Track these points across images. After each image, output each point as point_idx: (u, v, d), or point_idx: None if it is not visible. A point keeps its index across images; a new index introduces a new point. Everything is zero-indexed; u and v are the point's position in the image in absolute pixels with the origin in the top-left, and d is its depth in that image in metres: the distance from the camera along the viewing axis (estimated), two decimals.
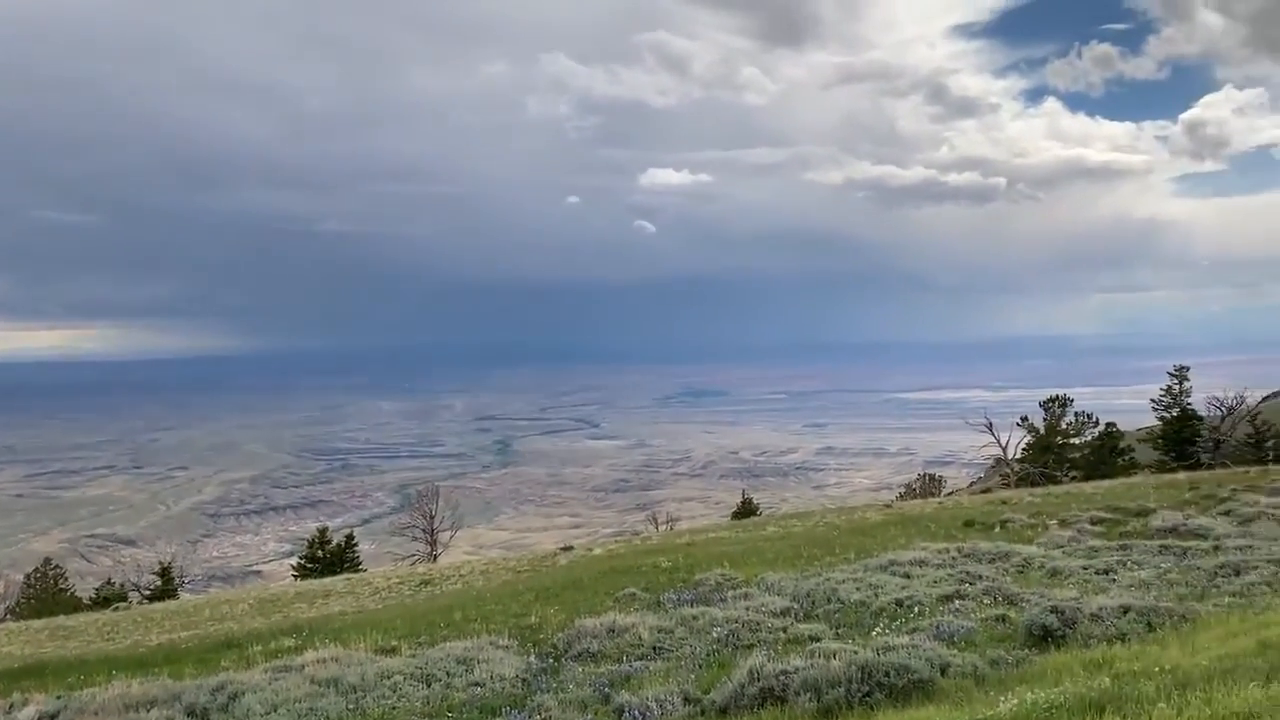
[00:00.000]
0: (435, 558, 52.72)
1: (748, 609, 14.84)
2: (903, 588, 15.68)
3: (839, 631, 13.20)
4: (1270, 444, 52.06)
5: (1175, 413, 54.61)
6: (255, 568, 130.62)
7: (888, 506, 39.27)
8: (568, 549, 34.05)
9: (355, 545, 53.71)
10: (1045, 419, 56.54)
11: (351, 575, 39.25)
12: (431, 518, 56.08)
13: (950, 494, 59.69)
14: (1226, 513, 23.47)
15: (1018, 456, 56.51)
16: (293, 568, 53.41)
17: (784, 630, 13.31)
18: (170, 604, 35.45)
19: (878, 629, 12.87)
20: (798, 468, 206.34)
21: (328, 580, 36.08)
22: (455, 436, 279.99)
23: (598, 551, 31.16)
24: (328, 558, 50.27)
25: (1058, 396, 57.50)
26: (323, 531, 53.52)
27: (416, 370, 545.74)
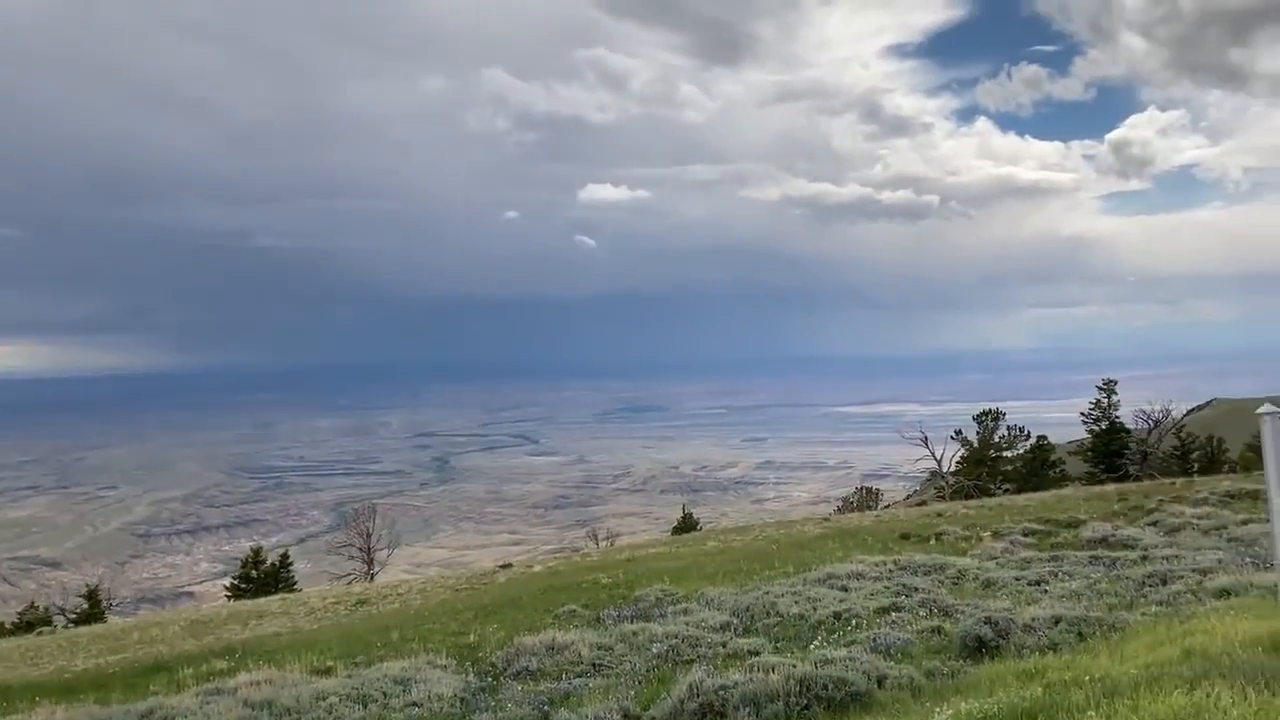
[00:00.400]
0: (372, 577, 51.97)
1: (688, 624, 14.85)
2: (841, 600, 15.81)
3: (778, 645, 13.25)
4: (1195, 456, 53.49)
5: (1104, 426, 55.85)
6: (187, 589, 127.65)
7: (826, 520, 39.57)
8: (507, 566, 33.80)
9: (290, 565, 52.75)
10: (979, 432, 57.49)
11: (286, 595, 38.55)
12: (368, 536, 55.30)
13: (887, 507, 60.33)
14: (1153, 523, 24.04)
15: (952, 469, 57.30)
16: (226, 588, 52.27)
17: (724, 645, 13.34)
18: (97, 627, 34.45)
19: (816, 642, 12.95)
20: (737, 482, 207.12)
21: (262, 601, 35.37)
22: (393, 453, 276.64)
23: (537, 569, 30.97)
24: (262, 578, 49.30)
25: (990, 410, 58.51)
26: (257, 551, 52.51)
27: (353, 387, 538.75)
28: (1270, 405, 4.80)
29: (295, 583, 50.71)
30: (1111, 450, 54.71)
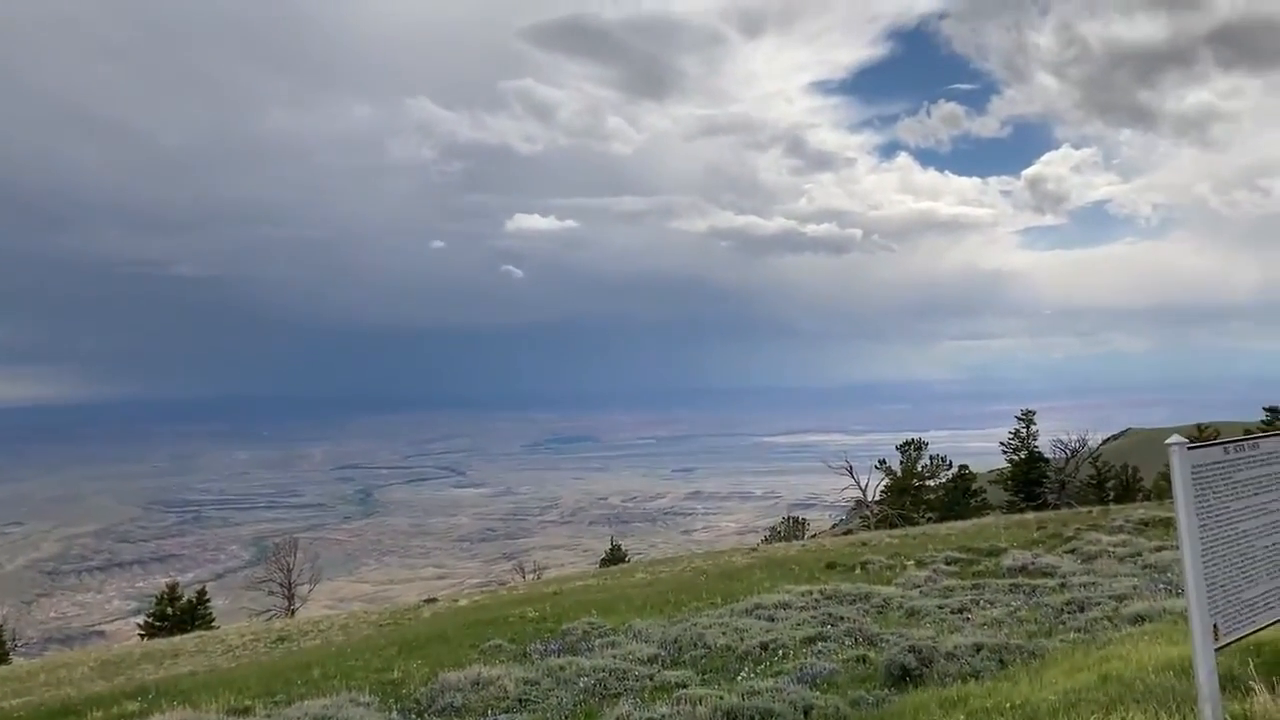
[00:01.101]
0: (293, 612, 50.86)
1: (615, 657, 14.75)
2: (768, 631, 15.84)
3: (705, 677, 13.23)
4: (1111, 484, 54.80)
5: (1023, 455, 57.02)
6: (98, 628, 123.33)
7: (753, 550, 39.73)
8: (432, 601, 33.35)
9: (208, 601, 51.43)
10: (902, 462, 58.33)
11: (203, 633, 37.59)
12: (289, 571, 54.18)
13: (814, 536, 60.79)
14: (1071, 551, 24.54)
15: (877, 498, 58.02)
16: (139, 626, 50.78)
17: (651, 678, 13.27)
18: (1, 669, 33.18)
19: (743, 673, 12.95)
20: (666, 513, 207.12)
21: (177, 639, 34.39)
22: (315, 486, 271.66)
23: (463, 603, 30.59)
24: (178, 615, 47.96)
25: (914, 440, 59.44)
26: (172, 587, 51.10)
27: (275, 418, 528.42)
28: (1178, 437, 4.94)
29: (213, 620, 49.45)
30: (1031, 479, 55.84)
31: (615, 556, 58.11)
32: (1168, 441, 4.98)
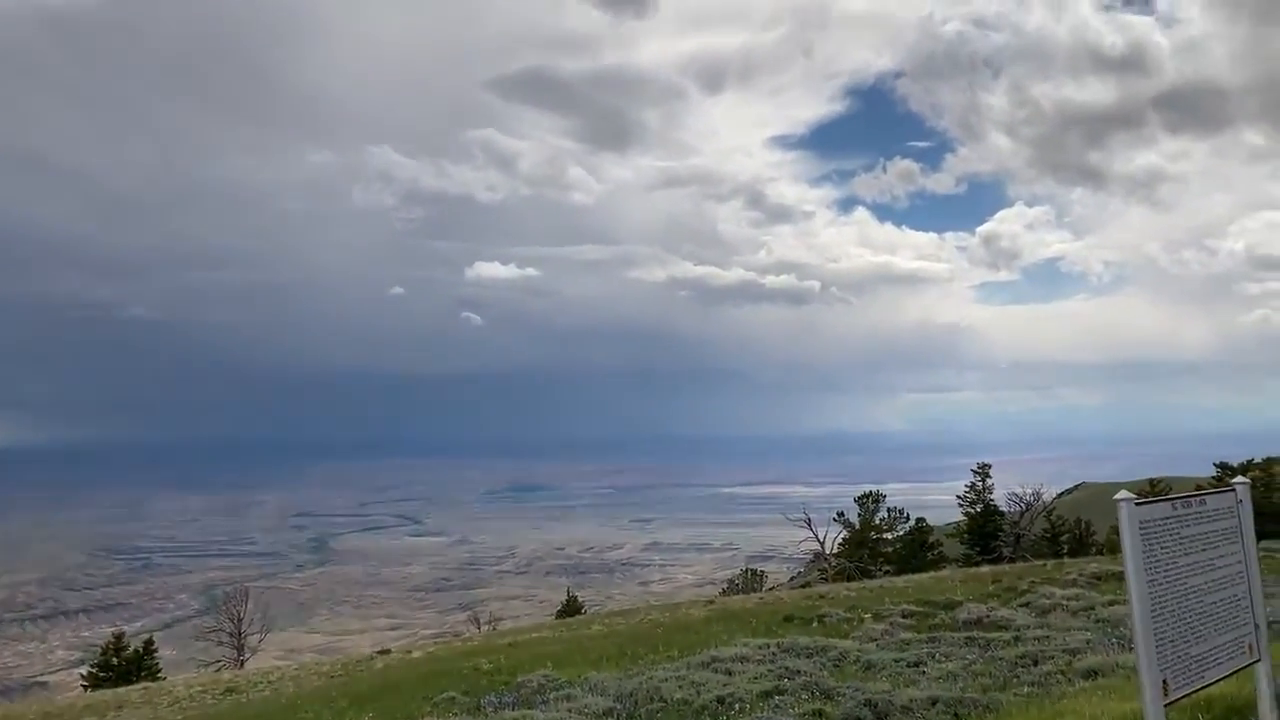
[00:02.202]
0: (243, 663, 49.86)
1: (570, 710, 14.58)
2: (724, 685, 15.74)
3: None
4: (1064, 538, 55.31)
5: (979, 508, 57.42)
6: (40, 679, 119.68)
7: (711, 603, 39.54)
8: (385, 652, 32.83)
9: (155, 651, 50.23)
10: (860, 514, 58.51)
11: (150, 684, 36.72)
12: (239, 620, 53.19)
13: (771, 589, 60.63)
14: (1026, 604, 24.68)
15: (835, 551, 58.05)
16: (83, 678, 49.38)
17: None
18: None
19: None
20: (624, 564, 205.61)
21: (122, 690, 33.57)
22: (268, 534, 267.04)
23: (417, 654, 30.14)
24: (123, 665, 46.80)
25: (871, 493, 59.69)
26: (119, 637, 49.87)
27: (228, 465, 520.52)
28: (1127, 493, 5.02)
29: (160, 671, 48.32)
30: (986, 532, 56.19)
31: (572, 608, 57.61)
32: (1116, 497, 5.06)
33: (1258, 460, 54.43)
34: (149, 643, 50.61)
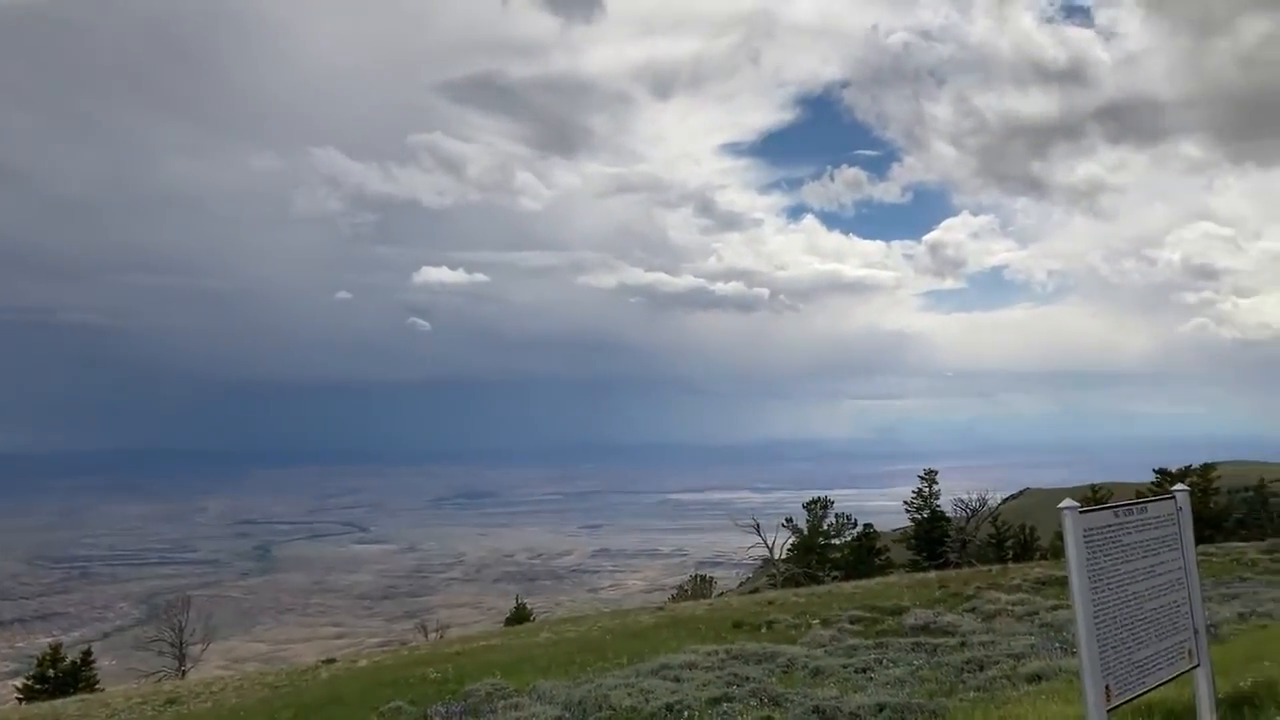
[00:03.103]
0: (184, 674, 49.01)
1: (518, 719, 14.48)
2: (673, 692, 15.71)
3: None
4: (1010, 543, 56.02)
5: (926, 514, 58.03)
6: None
7: (660, 609, 39.55)
8: (330, 661, 32.42)
9: (93, 662, 49.28)
10: (808, 520, 58.87)
11: (87, 695, 35.98)
12: (180, 630, 52.28)
13: (721, 595, 60.85)
14: (972, 610, 24.94)
15: (783, 557, 58.36)
16: (18, 689, 48.24)
17: None
18: None
19: None
20: (573, 570, 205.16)
21: (59, 702, 32.83)
22: (210, 541, 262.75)
23: (363, 663, 29.79)
24: (60, 677, 45.79)
25: (819, 499, 60.11)
26: (55, 648, 48.85)
27: (170, 471, 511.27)
28: (1071, 501, 5.08)
29: (98, 682, 47.40)
30: (933, 538, 56.80)
31: (520, 615, 57.30)
32: (1060, 506, 5.12)
33: (1195, 467, 55.58)
34: (87, 653, 49.62)
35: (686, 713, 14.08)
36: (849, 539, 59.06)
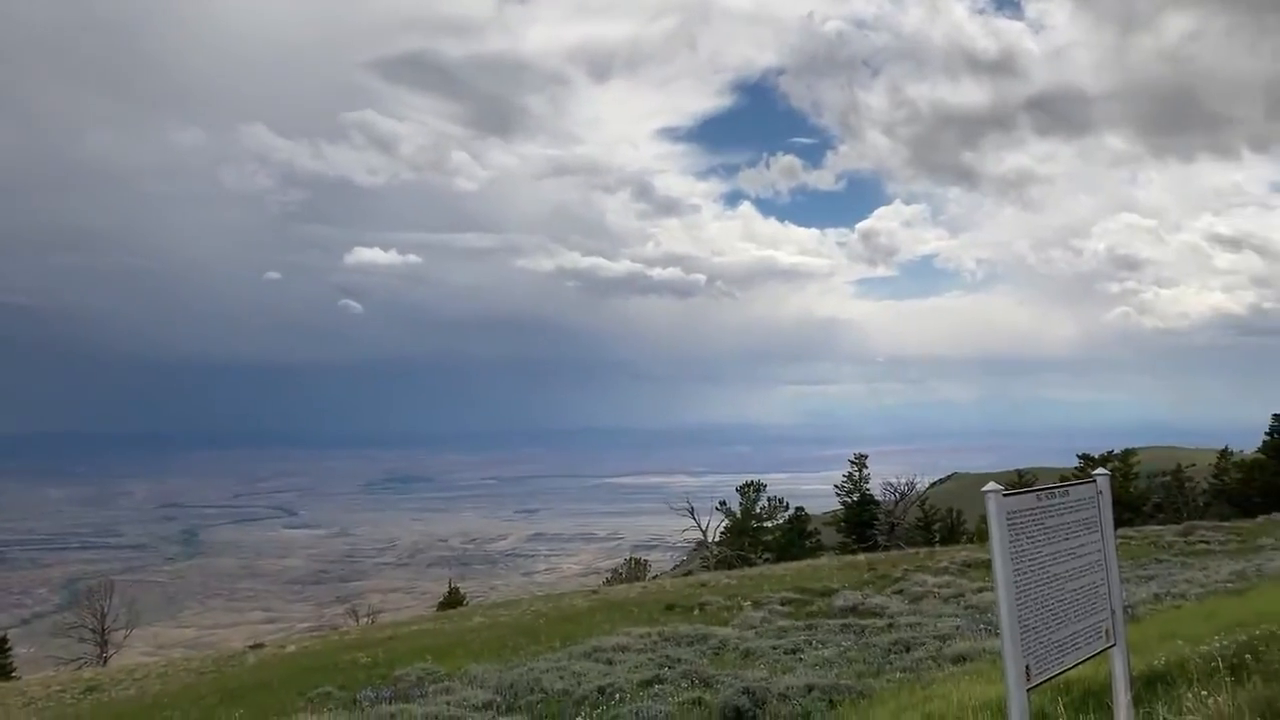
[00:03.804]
0: (106, 660, 47.98)
1: (449, 704, 14.41)
2: (605, 675, 15.76)
3: None
4: (937, 527, 57.08)
5: (856, 498, 58.88)
6: None
7: (594, 592, 39.65)
8: (258, 646, 31.98)
9: (9, 649, 48.16)
10: (741, 504, 59.38)
11: (2, 683, 35.08)
12: (102, 615, 51.16)
13: (655, 578, 61.11)
14: (900, 592, 25.38)
15: (717, 539, 58.81)
16: None
17: None
18: None
19: (579, 718, 12.84)
20: (508, 555, 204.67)
21: None
22: (136, 526, 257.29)
23: (291, 648, 29.43)
24: None
25: (752, 482, 60.64)
26: None
27: (93, 455, 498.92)
28: (994, 484, 5.15)
29: (14, 669, 46.31)
30: (862, 521, 57.65)
31: (453, 600, 57.04)
32: (984, 489, 5.19)
33: (1117, 452, 57.10)
34: (3, 640, 48.52)
35: (618, 695, 14.12)
36: (781, 522, 59.71)
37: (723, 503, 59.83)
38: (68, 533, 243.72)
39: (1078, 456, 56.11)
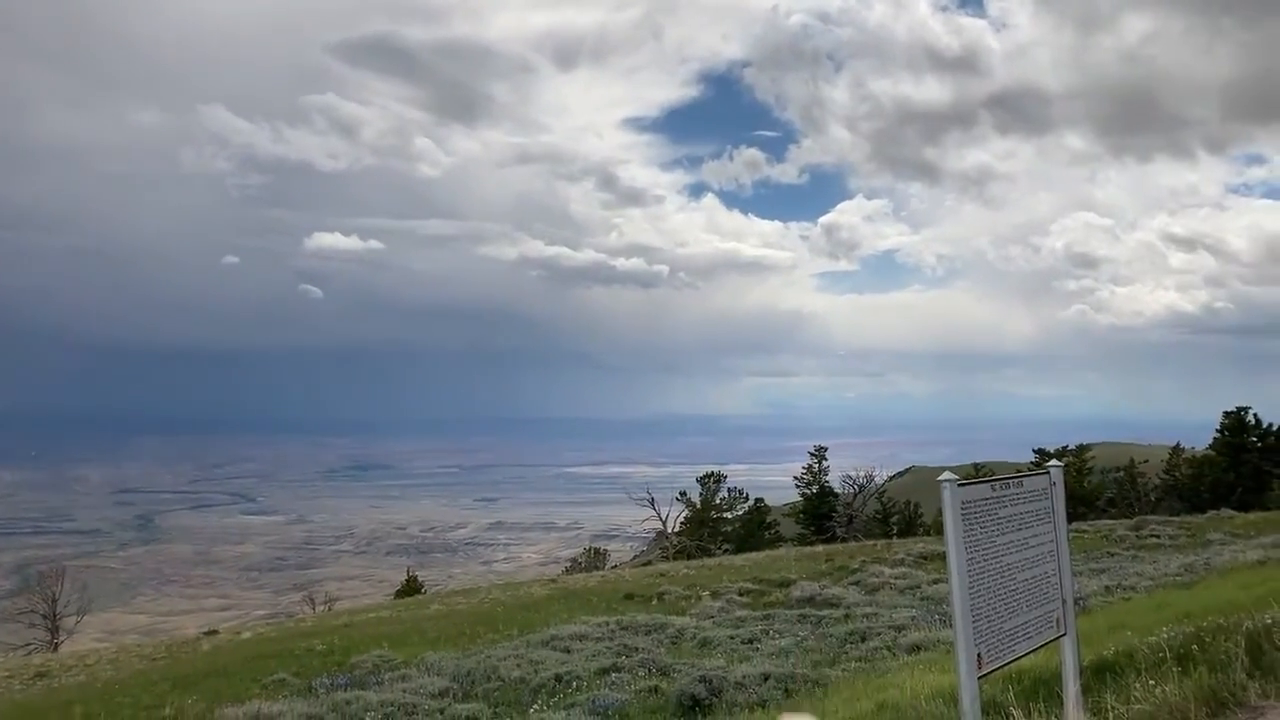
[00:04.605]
0: (56, 647, 47.29)
1: (405, 691, 14.38)
2: (562, 663, 15.79)
3: (497, 710, 13.07)
4: (895, 519, 57.52)
5: (815, 490, 59.19)
6: None
7: (553, 581, 39.63)
8: (212, 633, 31.67)
9: None
10: (701, 494, 59.54)
11: None
12: (53, 601, 50.40)
13: (614, 567, 61.14)
14: (856, 583, 25.59)
15: (677, 530, 58.93)
16: None
17: (441, 711, 13.00)
18: None
19: (536, 706, 12.86)
20: (466, 543, 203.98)
21: None
22: (89, 511, 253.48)
23: (246, 635, 29.18)
24: None
25: (713, 473, 60.79)
26: None
27: (45, 438, 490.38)
28: (950, 474, 5.20)
29: None
30: (821, 513, 57.97)
31: (411, 588, 56.78)
32: (940, 478, 5.24)
33: (1071, 447, 57.86)
34: None
35: (575, 683, 14.15)
36: (740, 513, 59.95)
37: (683, 493, 59.96)
38: (20, 517, 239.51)
39: (1033, 451, 56.77)
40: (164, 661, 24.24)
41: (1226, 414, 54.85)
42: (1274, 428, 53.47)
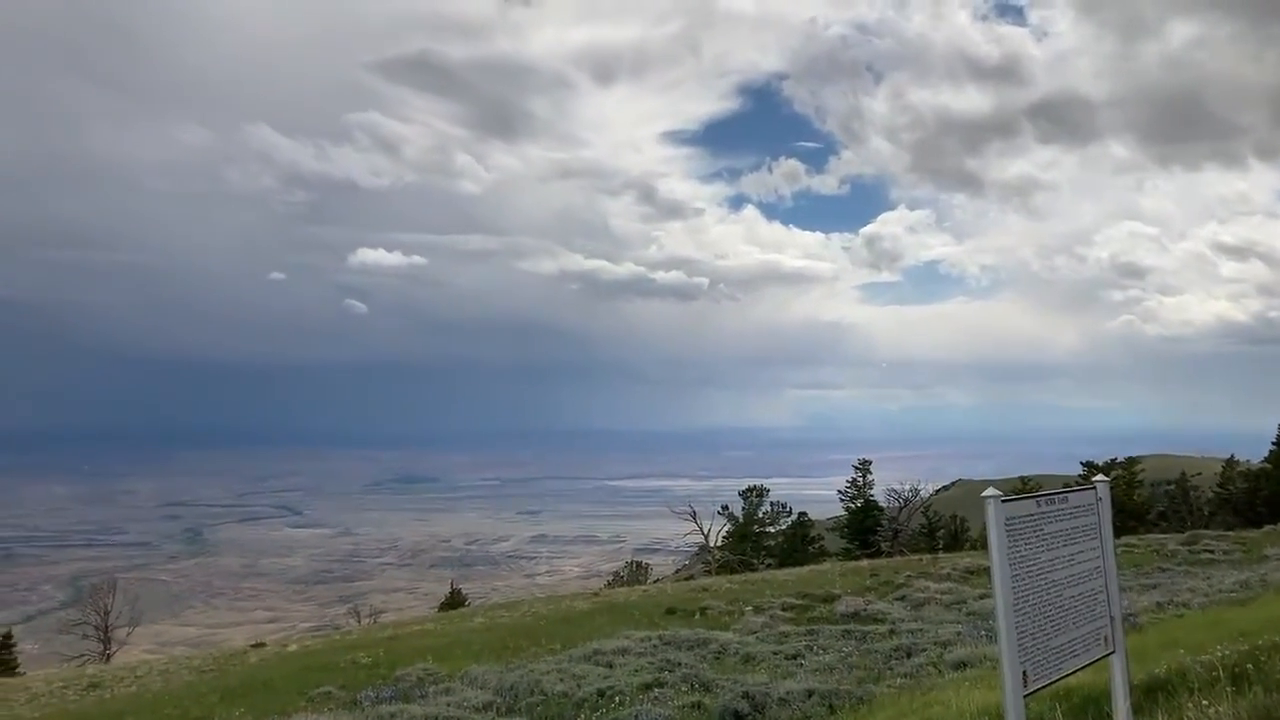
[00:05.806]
0: (109, 658, 48.10)
1: (449, 704, 14.43)
2: (605, 677, 15.77)
3: None
4: (940, 533, 56.97)
5: (859, 503, 58.77)
6: None
7: (595, 595, 39.62)
8: (259, 645, 32.01)
9: (14, 645, 48.25)
10: (744, 508, 59.33)
11: (6, 680, 35.10)
12: (106, 613, 51.28)
13: (656, 581, 61.05)
14: (902, 598, 25.35)
15: (719, 544, 58.75)
16: None
17: None
18: None
19: None
20: (509, 556, 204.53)
21: None
22: (139, 524, 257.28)
23: (293, 648, 29.45)
24: None
25: (755, 487, 60.56)
26: None
27: (97, 452, 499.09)
28: (994, 490, 5.16)
29: (18, 666, 46.37)
30: (866, 527, 57.53)
31: (455, 600, 57.07)
32: (984, 495, 5.20)
33: (1120, 460, 56.97)
34: (7, 636, 48.56)
35: (618, 698, 14.13)
36: (784, 527, 59.64)
37: (725, 507, 59.79)
38: (72, 530, 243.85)
39: (1081, 464, 56.00)
40: (212, 674, 24.53)
41: None
42: None
